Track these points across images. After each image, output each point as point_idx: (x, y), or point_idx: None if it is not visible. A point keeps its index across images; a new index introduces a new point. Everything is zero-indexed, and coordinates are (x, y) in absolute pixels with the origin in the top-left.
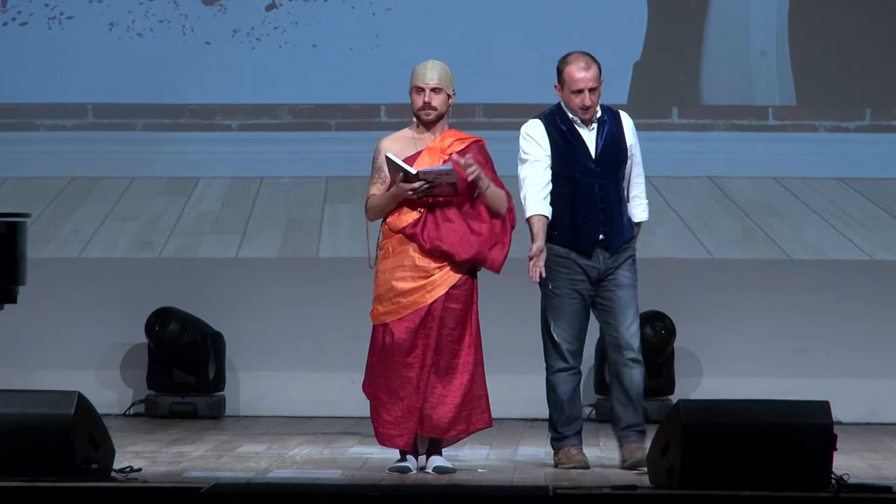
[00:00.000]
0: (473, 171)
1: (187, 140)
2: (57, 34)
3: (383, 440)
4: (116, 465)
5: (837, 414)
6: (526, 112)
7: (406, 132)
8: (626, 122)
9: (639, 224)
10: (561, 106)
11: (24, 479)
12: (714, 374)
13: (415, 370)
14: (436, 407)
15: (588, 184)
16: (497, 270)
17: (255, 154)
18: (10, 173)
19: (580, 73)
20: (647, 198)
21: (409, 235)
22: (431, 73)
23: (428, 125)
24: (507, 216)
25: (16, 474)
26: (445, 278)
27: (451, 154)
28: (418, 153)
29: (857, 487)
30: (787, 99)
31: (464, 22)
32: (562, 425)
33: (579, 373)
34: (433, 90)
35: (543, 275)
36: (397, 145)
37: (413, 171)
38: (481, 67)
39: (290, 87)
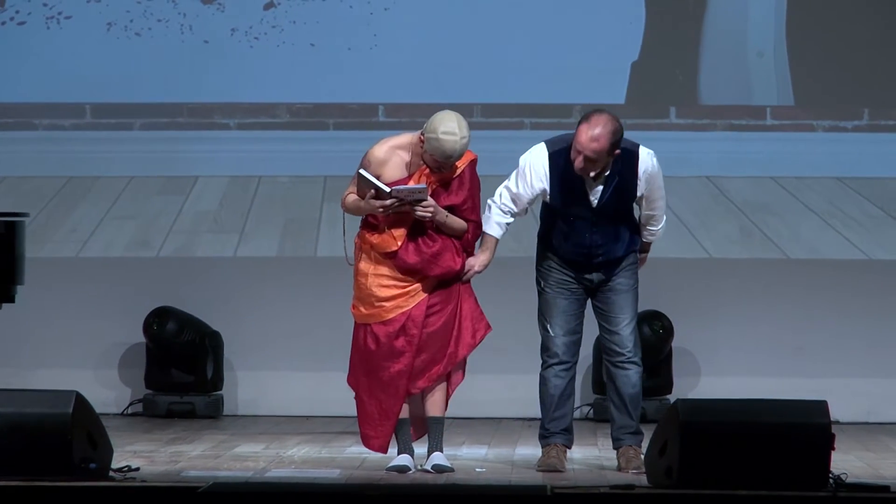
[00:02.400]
0: (431, 214)
1: (185, 139)
2: (55, 33)
3: (363, 439)
4: (114, 464)
5: (835, 413)
6: (524, 112)
7: (401, 145)
8: (643, 165)
9: (646, 242)
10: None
11: (21, 479)
12: (712, 374)
13: (392, 374)
14: (435, 392)
15: (583, 228)
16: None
17: (253, 153)
18: (8, 172)
19: (583, 140)
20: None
21: (395, 261)
22: (459, 153)
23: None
24: (466, 245)
25: (13, 474)
26: (426, 285)
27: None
28: (410, 176)
29: (855, 487)
30: (784, 99)
31: (462, 22)
32: (548, 422)
33: (572, 370)
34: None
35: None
36: (390, 164)
37: (386, 189)
38: (479, 67)
39: (289, 86)
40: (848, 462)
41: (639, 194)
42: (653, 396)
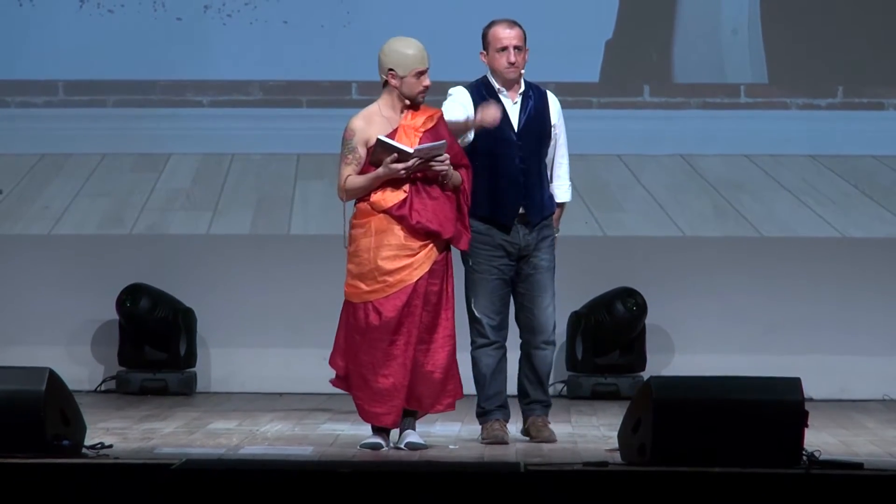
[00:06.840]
0: (448, 167)
1: (158, 116)
2: (28, 11)
3: (370, 418)
4: (87, 441)
5: (809, 391)
6: None
7: (374, 111)
8: (553, 101)
9: (561, 205)
10: (487, 76)
11: None
12: (685, 351)
13: (400, 347)
14: (422, 383)
15: (509, 156)
16: (466, 247)
17: (226, 130)
18: None
19: (505, 31)
20: (572, 179)
21: (398, 217)
22: (426, 56)
23: (418, 105)
24: (463, 197)
25: None
26: (429, 255)
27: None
28: (394, 132)
29: (828, 464)
30: (758, 76)
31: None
32: (484, 400)
33: (502, 348)
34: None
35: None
36: (374, 126)
37: (410, 149)
38: (452, 45)
39: (261, 63)
40: (821, 439)
41: (553, 122)
42: (626, 374)
